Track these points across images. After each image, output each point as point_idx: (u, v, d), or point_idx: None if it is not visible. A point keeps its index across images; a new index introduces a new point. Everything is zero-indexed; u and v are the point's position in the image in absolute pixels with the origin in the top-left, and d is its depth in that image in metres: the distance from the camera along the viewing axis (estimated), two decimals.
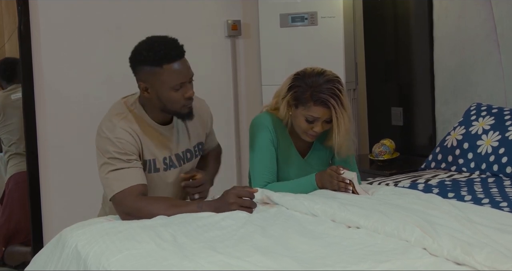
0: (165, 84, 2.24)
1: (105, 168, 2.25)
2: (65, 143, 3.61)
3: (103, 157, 2.26)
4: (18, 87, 3.82)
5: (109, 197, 2.24)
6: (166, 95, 2.26)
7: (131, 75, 2.27)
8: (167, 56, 2.21)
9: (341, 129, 2.40)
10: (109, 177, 2.23)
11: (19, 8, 3.45)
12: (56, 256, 2.06)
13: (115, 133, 2.26)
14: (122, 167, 2.23)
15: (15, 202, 3.96)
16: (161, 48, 2.21)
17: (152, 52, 2.21)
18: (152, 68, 2.23)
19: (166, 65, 2.22)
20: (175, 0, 3.89)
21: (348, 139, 2.48)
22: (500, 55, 3.24)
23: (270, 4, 3.93)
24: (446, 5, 3.51)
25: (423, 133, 3.80)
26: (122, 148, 2.24)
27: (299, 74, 2.45)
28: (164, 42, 2.24)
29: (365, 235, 1.87)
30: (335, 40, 3.83)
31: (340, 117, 2.38)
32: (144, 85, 2.28)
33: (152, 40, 2.28)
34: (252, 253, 1.73)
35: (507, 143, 2.84)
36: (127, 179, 2.22)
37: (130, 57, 2.32)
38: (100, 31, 3.69)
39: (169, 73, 2.23)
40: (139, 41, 2.33)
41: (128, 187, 2.20)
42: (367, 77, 4.14)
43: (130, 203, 2.19)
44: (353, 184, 2.34)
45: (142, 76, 2.27)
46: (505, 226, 1.90)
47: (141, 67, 2.26)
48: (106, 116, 2.36)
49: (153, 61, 2.22)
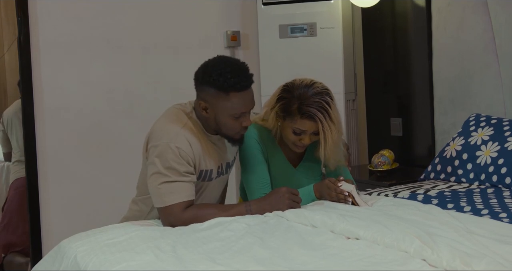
0: (226, 111, 2.25)
1: (159, 178, 2.23)
2: (64, 154, 3.61)
3: (158, 164, 2.23)
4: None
5: (157, 205, 2.25)
6: (224, 121, 2.28)
7: (130, 86, 2.27)
8: (236, 85, 2.21)
9: (328, 142, 2.36)
10: (161, 188, 2.22)
11: (18, 18, 3.46)
12: (55, 267, 2.06)
13: (177, 142, 2.24)
14: (177, 180, 2.22)
15: (15, 209, 3.96)
16: (232, 75, 2.20)
17: (222, 78, 2.20)
18: (217, 92, 2.23)
19: (233, 93, 2.22)
20: (174, 11, 3.90)
21: (337, 152, 2.44)
22: (498, 66, 3.25)
23: (270, 15, 3.94)
24: (445, 16, 3.52)
25: (422, 144, 3.80)
26: (181, 157, 2.23)
27: (287, 86, 2.43)
28: (236, 70, 2.23)
29: (365, 246, 1.86)
30: (334, 51, 3.84)
31: (327, 131, 2.34)
32: (204, 105, 2.28)
33: (224, 63, 2.25)
34: (251, 265, 1.72)
35: (506, 153, 2.84)
36: (180, 194, 2.22)
37: (197, 73, 2.30)
38: (100, 42, 3.70)
39: (233, 102, 2.24)
40: (210, 59, 2.31)
41: (179, 202, 2.21)
42: (366, 88, 4.15)
43: (179, 216, 2.21)
44: (352, 196, 2.33)
45: (205, 96, 2.27)
46: (504, 237, 1.90)
47: (206, 88, 2.25)
48: (163, 121, 2.34)
49: (221, 86, 2.21)
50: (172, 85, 3.82)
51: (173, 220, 2.22)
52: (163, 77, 3.83)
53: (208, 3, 4.01)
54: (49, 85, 3.56)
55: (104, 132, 3.72)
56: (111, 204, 3.57)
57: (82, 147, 3.66)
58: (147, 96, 3.80)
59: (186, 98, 2.51)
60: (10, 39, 4.08)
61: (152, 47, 3.84)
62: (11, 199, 4.01)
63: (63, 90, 3.62)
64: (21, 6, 3.46)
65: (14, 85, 4.03)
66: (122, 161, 3.71)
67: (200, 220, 2.20)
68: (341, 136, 2.46)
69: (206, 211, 2.24)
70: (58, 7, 3.57)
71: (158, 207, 2.26)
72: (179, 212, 2.21)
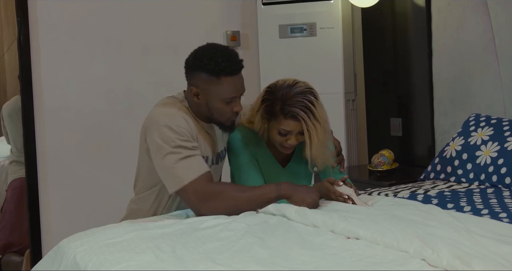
0: (218, 95, 2.27)
1: (172, 158, 2.20)
2: (64, 154, 3.62)
3: (165, 146, 2.21)
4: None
5: (176, 187, 2.20)
6: (216, 106, 2.29)
7: (130, 85, 2.27)
8: (227, 69, 2.24)
9: (314, 142, 2.34)
10: (177, 167, 2.19)
11: (18, 18, 3.46)
12: (55, 267, 2.06)
13: (176, 121, 2.24)
14: (189, 155, 2.21)
15: (12, 209, 3.96)
16: (223, 59, 2.23)
17: (213, 62, 2.23)
18: (209, 77, 2.25)
19: (224, 77, 2.25)
20: (174, 11, 3.90)
21: (324, 151, 2.42)
22: (498, 66, 3.25)
23: (269, 15, 3.94)
24: (445, 17, 3.52)
25: (422, 144, 3.80)
26: (184, 134, 2.23)
27: (270, 87, 2.42)
28: (226, 54, 2.26)
29: (365, 246, 1.86)
30: (334, 51, 3.85)
31: (312, 130, 2.32)
32: (196, 90, 2.30)
33: (214, 49, 2.28)
34: (251, 265, 1.72)
35: (506, 153, 2.84)
36: (198, 167, 2.21)
37: (187, 60, 2.33)
38: (100, 42, 3.70)
39: (224, 85, 2.26)
40: (199, 46, 2.34)
41: (202, 174, 2.19)
42: (366, 88, 4.15)
43: (210, 187, 2.18)
44: (352, 199, 2.32)
45: (197, 82, 2.29)
46: (504, 237, 1.90)
47: (198, 73, 2.28)
48: (157, 108, 2.35)
49: (212, 70, 2.23)
50: (172, 85, 3.79)
51: (200, 194, 2.17)
52: (163, 77, 3.83)
53: (208, 3, 4.01)
54: (49, 85, 3.56)
55: (104, 132, 3.72)
56: (111, 204, 3.57)
57: (82, 147, 3.66)
58: (147, 96, 3.79)
59: None
60: (10, 39, 4.09)
61: (152, 47, 3.84)
62: (9, 200, 4.01)
63: (63, 90, 3.62)
64: (21, 6, 3.46)
65: (14, 85, 4.04)
66: (122, 161, 3.71)
67: (227, 194, 2.19)
68: (329, 135, 2.44)
69: (233, 186, 2.26)
70: (58, 7, 3.58)
71: (179, 189, 2.20)
72: (205, 184, 2.18)
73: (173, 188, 2.23)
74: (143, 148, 2.37)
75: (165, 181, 2.26)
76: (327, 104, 2.46)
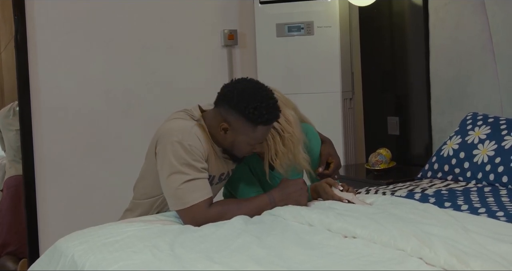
0: (247, 139, 2.27)
1: (178, 178, 2.21)
2: (61, 153, 3.61)
3: (175, 163, 2.21)
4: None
5: (177, 207, 2.23)
6: (241, 146, 2.30)
7: (128, 85, 2.26)
8: (267, 121, 2.23)
9: (271, 146, 2.36)
10: (182, 188, 2.20)
11: (15, 17, 3.46)
12: (52, 267, 2.05)
13: (189, 140, 2.23)
14: (196, 177, 2.22)
15: (8, 208, 3.95)
16: (267, 111, 2.21)
17: (258, 112, 2.19)
18: (246, 122, 2.23)
19: (261, 126, 2.24)
20: (171, 10, 3.90)
21: (284, 156, 2.39)
22: (496, 66, 3.25)
23: (267, 14, 3.94)
24: (442, 16, 3.52)
25: (419, 143, 3.80)
26: (195, 154, 2.23)
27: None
28: (270, 106, 2.22)
29: (362, 245, 1.86)
30: (332, 50, 3.85)
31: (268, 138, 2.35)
32: (226, 126, 2.27)
33: (260, 97, 2.22)
34: (249, 264, 1.72)
35: (503, 152, 2.84)
36: (201, 191, 2.22)
37: (228, 94, 2.27)
38: (97, 41, 3.70)
39: (258, 133, 2.26)
40: (245, 84, 2.28)
41: (203, 199, 2.21)
42: (363, 87, 4.15)
43: (205, 214, 2.20)
44: (353, 203, 2.31)
45: (231, 120, 2.26)
46: (501, 235, 1.90)
47: (236, 114, 2.24)
48: (172, 122, 2.33)
49: (253, 120, 2.21)
50: (169, 84, 3.81)
51: (199, 219, 2.19)
52: (160, 76, 3.83)
53: (205, 2, 4.01)
54: (46, 85, 3.56)
55: (102, 132, 3.72)
56: (109, 204, 3.57)
57: (80, 147, 3.66)
58: (145, 96, 3.80)
59: (183, 96, 2.51)
60: (7, 38, 4.07)
61: (149, 46, 3.84)
62: (5, 197, 4.00)
63: (61, 90, 3.62)
64: (18, 5, 3.46)
65: (11, 84, 4.02)
66: (119, 160, 3.71)
67: (225, 216, 2.20)
68: (292, 137, 2.40)
69: (230, 206, 2.25)
70: (55, 6, 3.57)
71: (179, 209, 2.23)
72: (205, 210, 2.20)
73: (175, 207, 2.25)
74: (152, 158, 2.36)
75: (167, 197, 2.29)
76: (325, 103, 2.46)
